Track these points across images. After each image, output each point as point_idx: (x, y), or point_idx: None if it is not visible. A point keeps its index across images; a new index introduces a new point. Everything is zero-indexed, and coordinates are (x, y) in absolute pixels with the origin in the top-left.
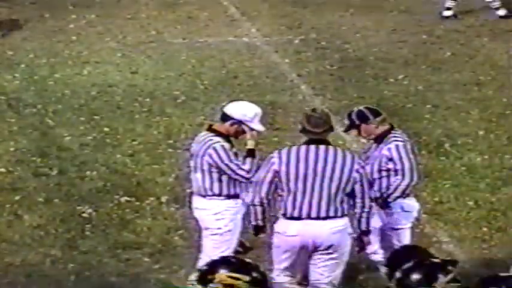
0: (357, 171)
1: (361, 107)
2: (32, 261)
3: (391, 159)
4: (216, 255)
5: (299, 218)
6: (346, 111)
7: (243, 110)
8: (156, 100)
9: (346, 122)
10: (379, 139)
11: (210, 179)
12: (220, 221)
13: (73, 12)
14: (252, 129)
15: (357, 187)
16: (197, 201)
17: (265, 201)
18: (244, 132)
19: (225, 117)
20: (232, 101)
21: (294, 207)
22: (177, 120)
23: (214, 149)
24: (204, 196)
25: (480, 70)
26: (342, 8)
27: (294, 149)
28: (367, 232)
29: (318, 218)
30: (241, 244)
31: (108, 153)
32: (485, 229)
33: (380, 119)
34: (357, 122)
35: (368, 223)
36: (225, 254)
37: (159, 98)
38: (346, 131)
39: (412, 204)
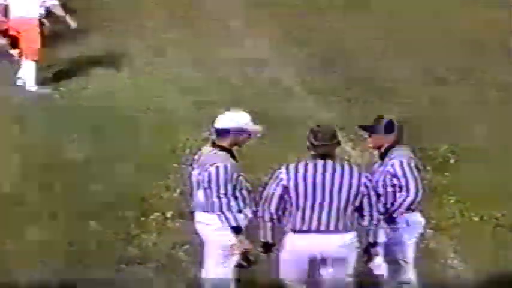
0: (365, 185)
1: (393, 118)
2: (37, 276)
3: (394, 175)
4: (218, 269)
5: (308, 232)
6: (352, 126)
7: (239, 119)
8: (162, 115)
9: (370, 124)
10: (384, 154)
11: (212, 194)
12: (223, 235)
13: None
14: (255, 133)
15: (365, 201)
16: (199, 216)
17: (275, 217)
18: (247, 137)
19: (224, 133)
20: (216, 115)
21: (302, 222)
22: (182, 135)
23: (217, 168)
24: (206, 211)
25: (487, 87)
26: (349, 25)
27: (301, 164)
28: (374, 244)
29: (326, 232)
30: (245, 258)
31: (113, 168)
32: (490, 245)
33: (399, 138)
34: (380, 130)
35: (376, 236)
36: (228, 268)
37: (165, 112)
38: (362, 128)
39: (417, 219)
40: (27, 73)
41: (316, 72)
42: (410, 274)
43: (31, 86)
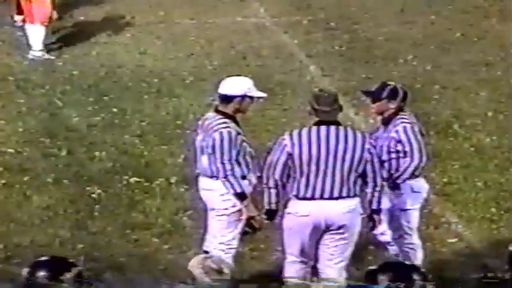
0: (369, 151)
1: (397, 85)
2: (41, 242)
3: (399, 141)
4: (222, 236)
5: (312, 199)
6: (355, 91)
7: (242, 85)
8: (165, 81)
9: (373, 89)
10: (387, 120)
11: (216, 160)
12: (227, 201)
13: None
14: (258, 99)
15: (369, 167)
16: (203, 182)
17: (279, 183)
18: (250, 102)
19: (227, 99)
20: (219, 82)
21: (306, 188)
22: (185, 101)
23: (220, 134)
24: (210, 177)
25: (489, 51)
26: None
27: (305, 130)
28: (378, 211)
29: (330, 198)
30: (249, 225)
31: (117, 134)
32: (494, 210)
33: (403, 104)
34: (384, 97)
35: (379, 202)
36: (232, 234)
37: (168, 78)
38: (365, 93)
39: (421, 185)
40: (35, 38)
41: (319, 38)
42: (414, 240)
43: (37, 51)
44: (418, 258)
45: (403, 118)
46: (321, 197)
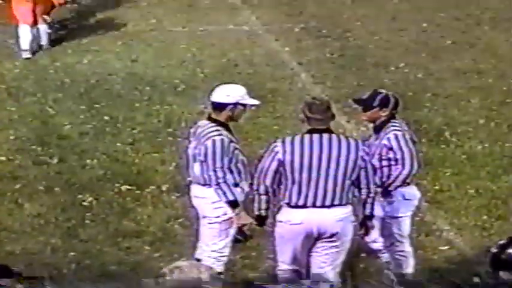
0: (362, 158)
1: (388, 93)
2: (33, 250)
3: (390, 149)
4: (214, 244)
5: (304, 207)
6: (347, 99)
7: (235, 92)
8: (156, 88)
9: (364, 97)
10: (379, 128)
11: (208, 167)
12: (219, 209)
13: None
14: (250, 106)
15: (362, 174)
16: (195, 190)
17: (270, 190)
18: (242, 110)
19: (220, 106)
20: (211, 89)
21: (298, 196)
22: (177, 108)
23: (213, 141)
24: (202, 185)
25: (480, 58)
26: None
27: (297, 138)
28: (371, 217)
29: (323, 206)
30: (241, 232)
31: (109, 142)
32: (485, 217)
33: (395, 112)
34: (375, 105)
35: (373, 208)
36: (224, 242)
37: (159, 86)
38: (356, 102)
39: (412, 192)
40: (43, 35)
41: (310, 46)
42: (405, 247)
43: (46, 44)
44: (409, 265)
45: (394, 126)
46: (313, 205)
